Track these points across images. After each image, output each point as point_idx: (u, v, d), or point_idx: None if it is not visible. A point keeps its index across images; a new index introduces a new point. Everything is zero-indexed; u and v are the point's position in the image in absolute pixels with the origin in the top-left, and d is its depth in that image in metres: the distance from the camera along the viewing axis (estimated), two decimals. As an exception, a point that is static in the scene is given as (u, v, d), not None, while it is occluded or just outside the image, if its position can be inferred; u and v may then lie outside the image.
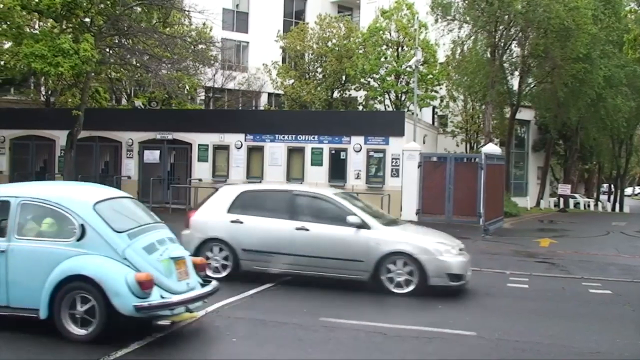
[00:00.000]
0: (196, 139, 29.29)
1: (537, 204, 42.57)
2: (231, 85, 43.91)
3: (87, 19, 25.09)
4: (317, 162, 27.59)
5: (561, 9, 30.67)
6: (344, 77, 41.06)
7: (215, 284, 9.11)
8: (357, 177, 26.96)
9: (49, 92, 36.29)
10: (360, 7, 50.79)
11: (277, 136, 28.22)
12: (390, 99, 39.29)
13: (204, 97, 43.85)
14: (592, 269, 15.95)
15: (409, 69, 36.61)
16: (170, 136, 29.57)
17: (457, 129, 42.20)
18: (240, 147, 28.64)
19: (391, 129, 26.95)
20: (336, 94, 42.38)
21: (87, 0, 23.43)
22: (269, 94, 46.90)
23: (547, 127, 41.96)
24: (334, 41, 41.21)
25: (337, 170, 27.33)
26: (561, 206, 41.68)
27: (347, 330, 9.18)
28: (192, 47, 30.92)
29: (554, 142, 44.98)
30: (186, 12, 31.34)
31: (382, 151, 26.82)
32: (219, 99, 44.96)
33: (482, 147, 31.79)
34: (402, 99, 38.91)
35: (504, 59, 35.90)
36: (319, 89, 40.99)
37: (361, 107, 41.22)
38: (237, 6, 49.69)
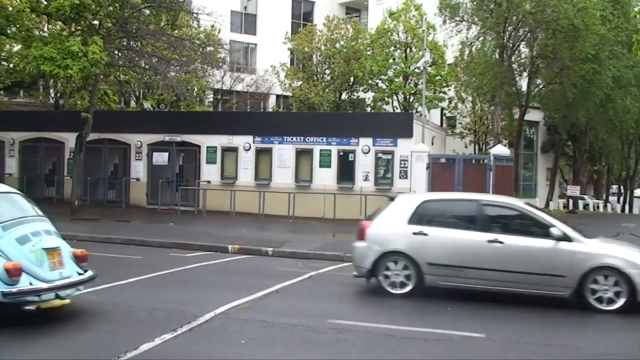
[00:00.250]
0: (205, 141, 29.32)
1: (546, 205, 42.40)
2: (239, 87, 44.01)
3: (95, 22, 25.15)
4: (325, 163, 27.58)
5: (570, 9, 30.59)
6: (352, 79, 41.07)
7: (90, 273, 9.70)
8: (366, 178, 26.94)
9: (58, 94, 36.43)
10: (368, 8, 50.85)
11: (285, 138, 28.22)
12: (398, 100, 39.29)
13: (212, 99, 43.95)
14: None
15: (417, 70, 36.61)
16: (178, 138, 29.62)
17: (466, 130, 42.14)
18: (248, 149, 28.66)
19: (399, 131, 26.92)
20: (344, 96, 42.40)
21: (95, 3, 23.45)
22: (277, 96, 46.98)
23: (556, 128, 41.82)
24: (342, 43, 41.24)
25: (346, 171, 27.30)
26: (570, 207, 41.56)
27: (356, 332, 9.17)
28: (201, 49, 30.94)
29: (563, 143, 44.85)
30: (194, 14, 31.41)
31: (391, 153, 26.78)
32: (227, 101, 45.04)
33: (490, 148, 31.74)
34: (411, 100, 38.92)
35: (513, 59, 35.83)
36: (327, 90, 41.01)
37: (369, 109, 41.23)
38: (245, 8, 49.80)
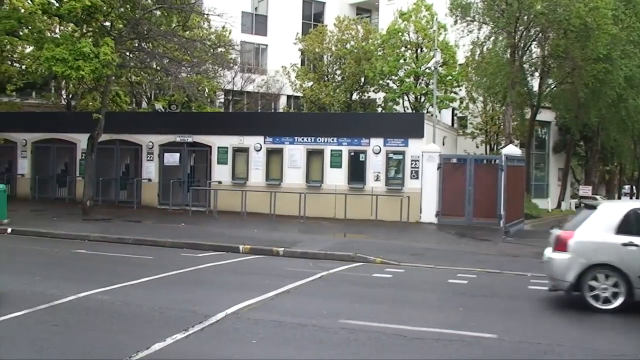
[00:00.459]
0: (216, 141, 29.36)
1: (558, 205, 42.28)
2: (250, 87, 44.04)
3: (107, 23, 25.25)
4: (336, 164, 27.56)
5: (582, 8, 30.44)
6: (362, 79, 41.04)
7: None
8: (377, 179, 26.90)
9: (70, 95, 36.55)
10: (379, 9, 50.79)
11: (296, 138, 28.22)
12: (409, 100, 39.23)
13: (223, 100, 43.99)
14: (615, 270, 15.78)
15: (428, 71, 36.52)
16: (190, 139, 29.67)
17: (477, 130, 42.01)
18: (259, 150, 28.68)
19: (410, 131, 26.87)
20: (355, 96, 42.37)
21: (107, 4, 23.55)
22: (288, 96, 47.02)
23: (568, 128, 41.66)
24: (353, 43, 41.22)
25: (357, 172, 27.27)
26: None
27: (368, 332, 9.16)
28: (212, 50, 30.99)
29: (575, 143, 44.66)
30: (205, 15, 31.45)
31: (402, 153, 26.73)
32: (238, 102, 45.08)
33: (502, 148, 31.62)
34: (422, 100, 38.85)
35: (524, 59, 35.70)
36: (337, 91, 41.02)
37: (380, 109, 41.19)
38: (256, 9, 49.84)
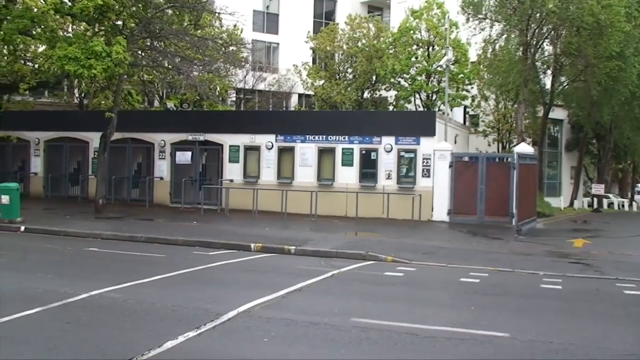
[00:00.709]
0: (227, 140, 29.43)
1: (571, 204, 42.08)
2: (262, 86, 44.08)
3: (119, 22, 25.32)
4: (347, 162, 27.56)
5: (594, 6, 30.27)
6: (374, 77, 41.01)
7: None
8: (388, 177, 26.88)
9: (82, 94, 36.71)
10: (390, 7, 50.71)
11: (307, 137, 28.24)
12: (420, 98, 39.15)
13: (235, 99, 44.05)
14: (627, 269, 15.74)
15: (439, 69, 36.42)
16: (201, 137, 29.75)
17: (489, 128, 41.88)
18: (271, 148, 28.71)
19: (422, 129, 26.82)
20: (366, 94, 42.35)
21: (119, 3, 23.62)
22: (300, 95, 47.04)
23: (581, 126, 41.45)
24: (364, 41, 41.19)
25: (368, 170, 27.25)
26: (595, 206, 41.18)
27: (379, 330, 9.15)
28: (223, 48, 31.02)
29: (588, 141, 44.42)
30: (217, 14, 31.50)
31: (413, 151, 26.70)
32: (249, 100, 45.13)
33: (514, 146, 31.53)
34: (433, 98, 38.75)
35: (536, 57, 35.52)
36: (349, 89, 41.01)
37: (391, 107, 41.13)
38: (267, 8, 49.88)
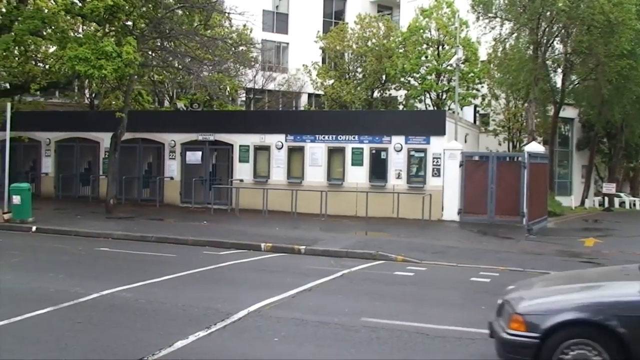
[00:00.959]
0: (237, 139, 29.46)
1: (582, 203, 41.93)
2: (271, 86, 44.13)
3: (129, 23, 25.41)
4: (357, 162, 27.53)
5: (605, 4, 30.14)
6: (383, 77, 40.94)
7: None
8: (398, 176, 26.83)
9: (93, 94, 36.85)
10: (400, 6, 50.61)
11: (317, 136, 28.23)
12: (430, 98, 39.07)
13: (244, 98, 44.11)
14: (639, 269, 15.63)
15: (449, 68, 36.37)
16: (211, 137, 29.80)
17: (499, 127, 41.76)
18: (281, 148, 28.73)
19: (432, 128, 26.76)
20: (376, 94, 42.29)
21: (129, 3, 23.69)
22: (309, 95, 47.03)
23: (592, 125, 41.28)
24: (374, 41, 41.13)
25: (378, 170, 27.23)
26: (606, 205, 41.01)
27: (389, 330, 9.14)
28: (233, 48, 31.09)
29: (599, 140, 44.23)
30: (227, 14, 31.56)
31: (423, 150, 26.64)
32: (259, 100, 45.19)
33: (524, 145, 31.41)
34: (443, 97, 38.67)
35: (547, 56, 35.39)
36: (358, 88, 40.96)
37: (401, 107, 41.05)
38: (277, 7, 49.92)
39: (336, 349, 8.35)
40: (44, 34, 24.99)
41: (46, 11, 24.09)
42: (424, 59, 38.14)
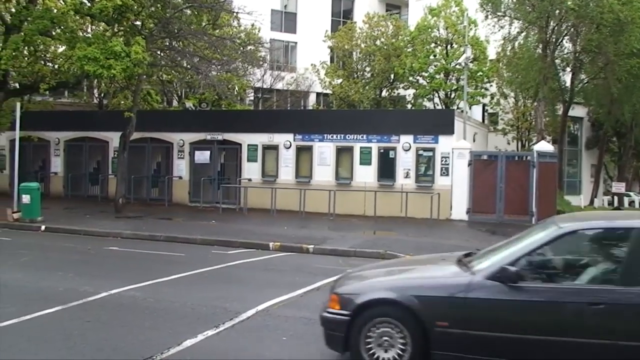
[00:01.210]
0: (246, 139, 29.48)
1: (591, 202, 41.79)
2: (280, 85, 44.16)
3: (138, 22, 25.44)
4: (365, 161, 27.51)
5: (614, 3, 30.02)
6: (392, 76, 40.90)
7: None
8: (407, 176, 26.80)
9: (102, 94, 36.94)
10: (408, 5, 50.56)
11: (325, 136, 28.22)
12: (439, 97, 39.03)
13: (253, 98, 44.16)
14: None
15: (458, 67, 36.31)
16: (220, 137, 29.83)
17: (508, 126, 41.68)
18: (289, 147, 28.74)
19: (441, 127, 26.71)
20: (384, 93, 42.27)
21: (138, 3, 23.73)
22: (318, 94, 47.05)
23: (601, 124, 41.13)
24: (382, 40, 41.10)
25: (386, 169, 27.20)
26: (615, 204, 40.86)
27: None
28: (241, 48, 31.12)
29: (608, 139, 44.08)
30: (235, 13, 31.57)
31: (432, 150, 26.60)
32: (267, 100, 45.23)
33: (533, 144, 31.32)
34: (452, 96, 38.62)
35: (556, 55, 35.28)
36: (367, 88, 40.93)
37: (410, 106, 41.02)
38: (285, 7, 49.95)
39: (344, 348, 8.34)
40: (53, 33, 25.04)
41: (55, 11, 24.13)
42: (432, 58, 38.10)
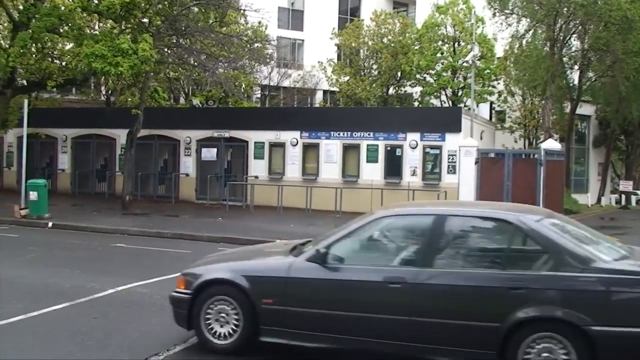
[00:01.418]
0: (252, 136, 29.50)
1: (598, 200, 41.62)
2: (287, 83, 44.12)
3: (145, 20, 25.47)
4: (372, 159, 27.49)
5: (622, 1, 29.89)
6: (399, 74, 40.81)
7: None
8: (413, 173, 26.77)
9: (109, 91, 37.00)
10: (415, 2, 50.43)
11: (332, 133, 28.22)
12: (446, 94, 38.95)
13: (259, 95, 44.14)
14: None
15: (465, 65, 36.23)
16: (227, 134, 29.85)
17: (515, 124, 41.53)
18: (295, 145, 28.73)
19: (448, 125, 26.67)
20: (391, 91, 42.18)
21: (145, 1, 23.78)
22: (324, 91, 46.98)
23: (608, 122, 40.93)
24: (389, 37, 41.01)
25: (393, 167, 27.18)
26: (623, 203, 40.70)
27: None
28: (248, 45, 31.15)
29: (615, 137, 43.89)
30: (242, 11, 31.57)
31: (439, 147, 26.55)
32: (274, 97, 45.21)
33: (541, 143, 31.22)
34: (459, 94, 38.53)
35: (564, 52, 35.17)
36: (374, 85, 40.86)
37: (417, 104, 40.95)
38: (292, 4, 49.87)
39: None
40: (61, 31, 25.10)
41: (63, 8, 24.17)
42: (439, 55, 38.01)
